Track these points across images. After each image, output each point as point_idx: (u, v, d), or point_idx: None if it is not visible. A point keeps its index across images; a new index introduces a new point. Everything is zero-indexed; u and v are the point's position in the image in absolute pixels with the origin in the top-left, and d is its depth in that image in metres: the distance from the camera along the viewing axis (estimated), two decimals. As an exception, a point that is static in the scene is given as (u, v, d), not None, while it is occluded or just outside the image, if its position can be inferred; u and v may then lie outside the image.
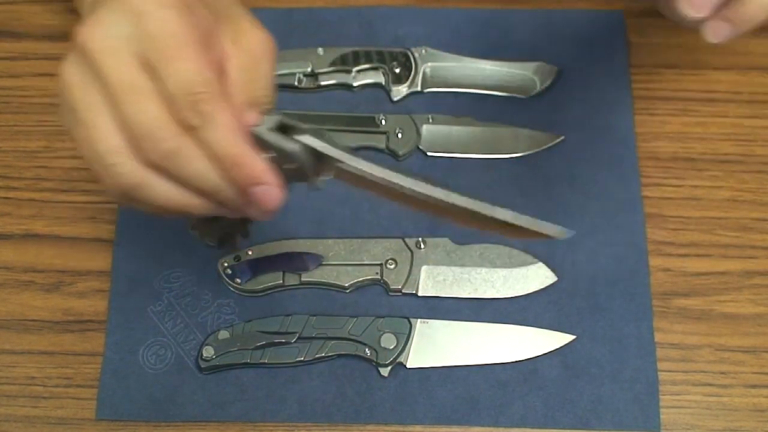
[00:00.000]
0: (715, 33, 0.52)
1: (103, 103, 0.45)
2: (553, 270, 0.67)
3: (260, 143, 0.47)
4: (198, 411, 0.64)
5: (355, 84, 0.73)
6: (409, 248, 0.67)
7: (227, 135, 0.45)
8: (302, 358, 0.64)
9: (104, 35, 0.44)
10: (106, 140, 0.45)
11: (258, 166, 0.46)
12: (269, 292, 0.67)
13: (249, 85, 0.47)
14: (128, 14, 0.44)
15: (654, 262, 0.68)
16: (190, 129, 0.45)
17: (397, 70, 0.72)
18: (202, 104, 0.44)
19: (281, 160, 0.47)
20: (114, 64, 0.44)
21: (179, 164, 0.45)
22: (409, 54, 0.73)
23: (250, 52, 0.48)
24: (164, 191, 0.46)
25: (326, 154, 0.47)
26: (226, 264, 0.67)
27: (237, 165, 0.45)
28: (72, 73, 0.46)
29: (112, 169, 0.45)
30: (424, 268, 0.67)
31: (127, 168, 0.45)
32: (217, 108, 0.45)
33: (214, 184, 0.46)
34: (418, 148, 0.70)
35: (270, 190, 0.46)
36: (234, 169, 0.45)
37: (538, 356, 0.65)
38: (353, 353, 0.65)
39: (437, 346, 0.65)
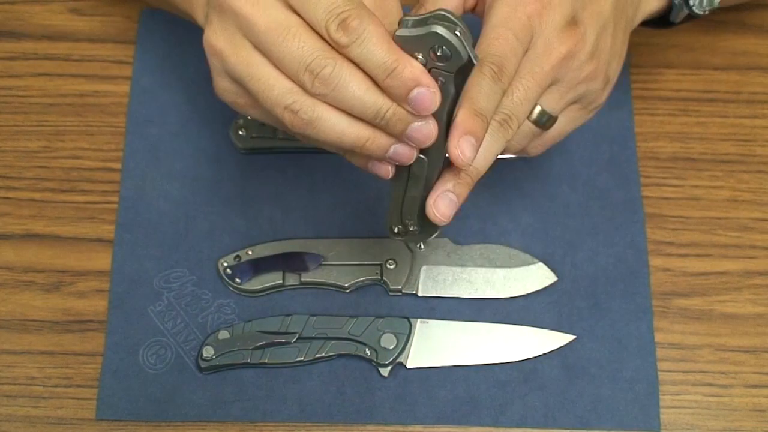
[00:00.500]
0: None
1: (260, 53, 0.48)
2: (553, 270, 0.68)
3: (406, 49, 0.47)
4: (198, 411, 0.64)
5: (355, 84, 0.73)
6: (409, 248, 0.67)
7: (378, 44, 0.46)
8: (302, 358, 0.64)
9: None
10: (277, 84, 0.48)
11: (414, 67, 0.46)
12: (269, 292, 0.67)
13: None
14: None
15: (654, 262, 0.68)
16: (343, 49, 0.46)
17: (397, 70, 0.72)
18: (349, 20, 0.46)
19: (429, 60, 0.47)
20: (260, 11, 0.47)
21: (340, 88, 0.46)
22: (409, 54, 0.73)
23: None
24: (336, 123, 0.48)
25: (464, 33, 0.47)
26: (226, 264, 0.67)
27: (393, 71, 0.46)
28: (219, 38, 0.49)
29: (290, 109, 0.47)
30: (424, 268, 0.67)
31: (300, 104, 0.47)
32: (364, 22, 0.46)
33: (374, 102, 0.47)
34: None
35: (428, 91, 0.47)
36: (391, 77, 0.46)
37: (538, 356, 0.65)
38: (353, 353, 0.65)
39: (437, 346, 0.65)
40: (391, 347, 0.65)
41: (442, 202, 0.51)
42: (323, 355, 0.64)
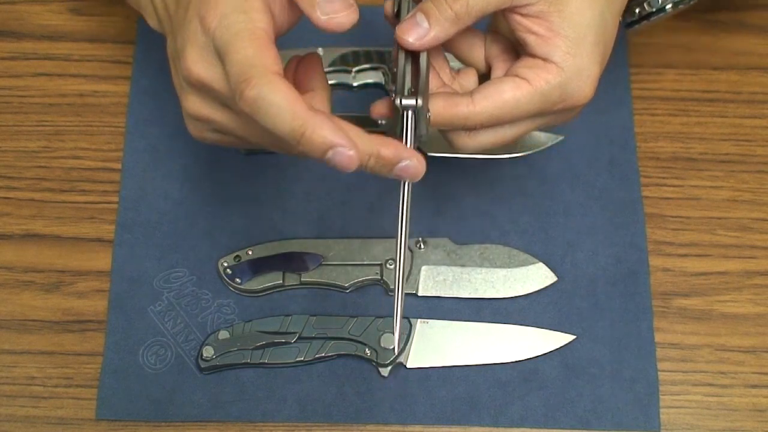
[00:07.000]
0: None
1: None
2: (553, 270, 0.68)
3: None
4: (198, 411, 0.64)
5: (355, 84, 0.73)
6: (409, 248, 0.67)
7: (279, 113, 0.45)
8: (302, 358, 0.64)
9: (199, 67, 0.49)
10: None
11: (324, 130, 0.46)
12: (269, 292, 0.67)
13: None
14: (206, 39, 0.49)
15: (654, 262, 0.68)
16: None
17: (397, 70, 0.72)
18: (246, 91, 0.46)
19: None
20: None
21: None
22: (409, 54, 0.73)
23: None
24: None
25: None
26: (226, 264, 0.67)
27: (302, 137, 0.46)
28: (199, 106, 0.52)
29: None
30: (424, 268, 0.67)
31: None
32: (262, 90, 0.46)
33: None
34: (418, 148, 0.70)
35: (343, 150, 0.46)
36: (302, 144, 0.46)
37: (538, 356, 0.65)
38: (353, 353, 0.65)
39: (437, 346, 0.65)
40: (391, 347, 0.65)
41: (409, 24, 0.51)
42: (323, 355, 0.64)
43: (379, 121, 0.71)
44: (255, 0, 0.48)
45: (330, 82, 0.72)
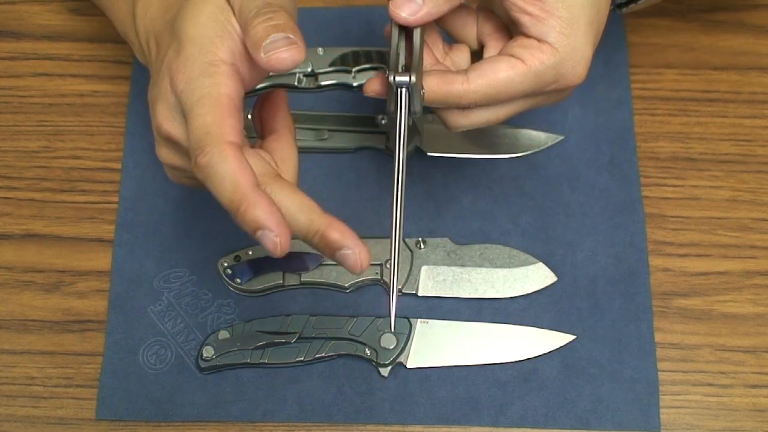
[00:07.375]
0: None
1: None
2: (553, 270, 0.67)
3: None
4: (198, 411, 0.64)
5: (355, 84, 0.73)
6: (409, 248, 0.67)
7: (223, 184, 0.47)
8: (302, 358, 0.64)
9: (168, 125, 0.51)
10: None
11: (259, 209, 0.46)
12: (269, 292, 0.67)
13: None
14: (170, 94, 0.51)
15: (654, 262, 0.68)
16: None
17: (397, 70, 0.72)
18: (199, 158, 0.47)
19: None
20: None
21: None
22: (409, 54, 0.73)
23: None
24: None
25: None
26: (226, 264, 0.67)
27: (237, 211, 0.47)
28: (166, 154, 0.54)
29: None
30: (424, 268, 0.67)
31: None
32: (213, 159, 0.47)
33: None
34: (418, 148, 0.70)
35: (271, 234, 0.47)
36: (236, 217, 0.47)
37: (538, 356, 0.65)
38: (353, 353, 0.65)
39: (437, 346, 0.65)
40: (391, 347, 0.65)
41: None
42: (323, 355, 0.64)
43: (380, 120, 0.71)
44: (222, 64, 0.49)
45: (330, 82, 0.73)
